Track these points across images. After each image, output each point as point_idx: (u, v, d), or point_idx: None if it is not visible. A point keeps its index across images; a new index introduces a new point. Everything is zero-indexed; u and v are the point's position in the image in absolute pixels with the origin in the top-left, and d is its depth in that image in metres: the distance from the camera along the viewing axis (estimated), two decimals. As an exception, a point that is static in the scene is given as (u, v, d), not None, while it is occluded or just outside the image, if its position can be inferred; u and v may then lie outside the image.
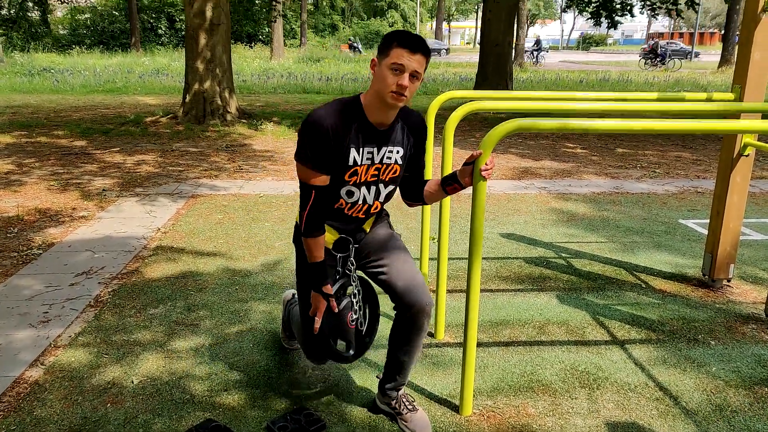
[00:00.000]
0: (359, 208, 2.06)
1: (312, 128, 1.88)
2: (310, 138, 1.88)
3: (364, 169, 1.99)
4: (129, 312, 3.01)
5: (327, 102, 1.95)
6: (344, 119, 1.91)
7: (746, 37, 3.12)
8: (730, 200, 3.31)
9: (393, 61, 1.83)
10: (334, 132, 1.88)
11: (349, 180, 1.98)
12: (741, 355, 2.68)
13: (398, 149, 2.02)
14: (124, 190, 5.37)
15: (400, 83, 1.83)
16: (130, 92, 14.11)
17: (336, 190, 2.00)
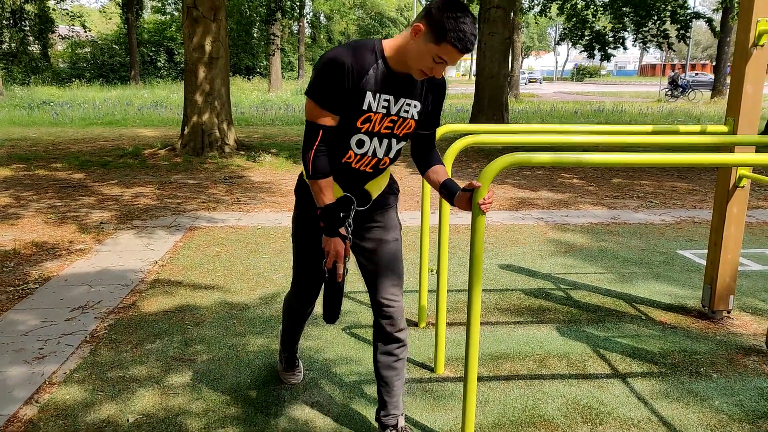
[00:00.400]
0: (368, 161, 1.97)
1: (329, 64, 1.80)
2: (326, 73, 1.80)
3: (378, 117, 1.89)
4: (125, 347, 2.97)
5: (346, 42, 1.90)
6: (365, 59, 1.82)
7: (738, 71, 3.18)
8: (727, 231, 3.33)
9: (440, 54, 1.76)
10: (350, 70, 1.80)
11: (361, 127, 1.89)
12: (743, 388, 2.65)
13: (416, 103, 1.94)
14: (121, 223, 5.37)
15: (434, 68, 1.79)
16: (128, 125, 14.23)
17: (346, 139, 1.91)
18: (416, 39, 1.77)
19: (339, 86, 1.81)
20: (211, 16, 8.82)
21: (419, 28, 1.76)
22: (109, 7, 32.44)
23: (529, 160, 2.05)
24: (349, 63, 1.80)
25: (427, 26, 1.75)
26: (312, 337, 3.13)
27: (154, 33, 33.04)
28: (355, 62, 1.81)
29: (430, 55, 1.76)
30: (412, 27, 1.78)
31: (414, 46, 1.78)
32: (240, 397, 2.53)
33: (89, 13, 34.79)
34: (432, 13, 1.74)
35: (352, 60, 1.80)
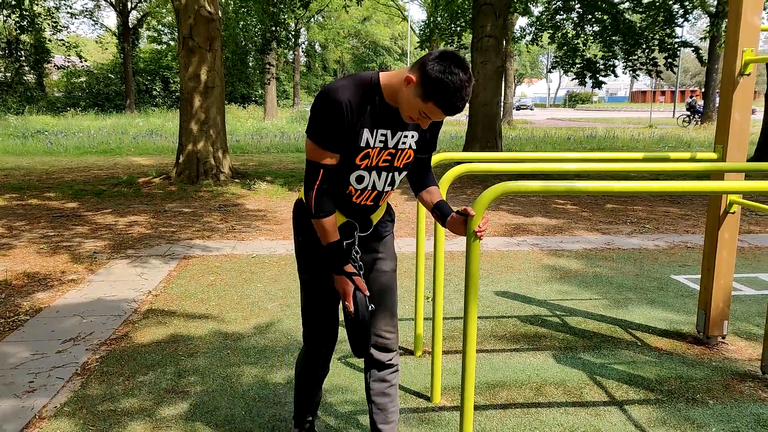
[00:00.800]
0: (368, 195, 1.96)
1: (327, 102, 1.77)
2: (324, 113, 1.77)
3: (376, 152, 1.88)
4: (117, 380, 2.93)
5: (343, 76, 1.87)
6: (361, 96, 1.80)
7: (726, 99, 3.24)
8: (719, 257, 3.35)
9: (425, 112, 1.76)
10: (349, 108, 1.77)
11: (360, 164, 1.87)
12: (740, 414, 2.64)
13: (414, 133, 1.93)
14: (115, 253, 5.35)
15: (419, 120, 1.80)
16: (123, 153, 14.27)
17: (345, 175, 1.89)
18: (408, 88, 1.76)
19: (337, 124, 1.79)
20: (206, 46, 8.94)
21: (410, 79, 1.74)
22: (105, 37, 32.86)
23: (521, 189, 2.07)
24: (348, 101, 1.77)
25: (419, 80, 1.73)
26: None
27: (150, 62, 33.39)
28: (354, 100, 1.78)
29: (417, 109, 1.76)
30: (405, 76, 1.76)
31: (405, 94, 1.77)
32: (234, 430, 2.50)
33: (85, 43, 35.18)
34: (425, 68, 1.71)
35: (351, 97, 1.78)
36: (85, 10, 31.66)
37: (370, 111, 1.82)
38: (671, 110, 38.26)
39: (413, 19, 43.40)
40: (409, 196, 8.47)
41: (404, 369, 3.09)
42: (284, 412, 2.64)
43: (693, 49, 15.30)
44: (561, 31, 15.37)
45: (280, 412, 2.64)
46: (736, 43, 3.15)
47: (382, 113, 1.84)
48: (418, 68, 1.74)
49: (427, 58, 1.74)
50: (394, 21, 47.21)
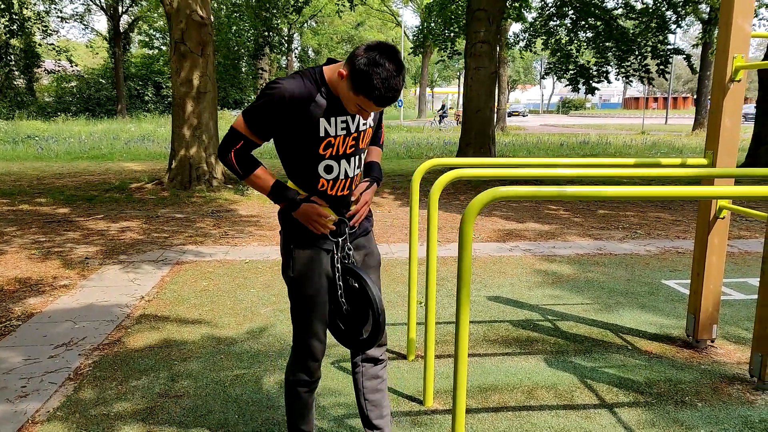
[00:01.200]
0: (343, 184, 1.97)
1: (270, 94, 1.82)
2: (265, 102, 1.83)
3: (340, 140, 1.90)
4: (110, 384, 2.93)
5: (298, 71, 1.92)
6: (308, 89, 1.84)
7: (716, 105, 3.29)
8: (709, 262, 3.39)
9: (359, 104, 1.79)
10: (294, 102, 1.82)
11: (324, 153, 1.90)
12: (728, 416, 2.67)
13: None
14: (107, 258, 5.33)
15: (363, 115, 1.85)
16: (115, 159, 14.23)
17: (313, 167, 1.91)
18: (342, 82, 1.80)
19: (274, 115, 1.83)
20: (198, 51, 8.95)
21: (342, 74, 1.78)
22: (96, 41, 32.78)
23: (512, 194, 2.09)
24: (291, 95, 1.81)
25: (348, 74, 1.76)
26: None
27: (142, 67, 33.35)
28: (298, 94, 1.82)
29: (354, 102, 1.79)
30: (338, 71, 1.80)
31: (341, 88, 1.81)
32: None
33: (76, 48, 35.11)
34: (354, 61, 1.74)
35: (294, 92, 1.81)
36: (76, 14, 31.55)
37: (320, 102, 1.85)
38: (664, 117, 38.59)
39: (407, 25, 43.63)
40: (403, 202, 8.50)
41: (397, 373, 3.10)
42: (277, 415, 2.65)
43: (684, 56, 15.45)
44: (554, 37, 15.50)
45: (273, 416, 2.65)
46: (727, 50, 3.19)
47: (334, 102, 1.87)
48: (347, 62, 1.78)
49: (356, 50, 1.77)
50: (388, 27, 47.40)
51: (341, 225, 2.01)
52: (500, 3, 11.38)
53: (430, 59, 39.21)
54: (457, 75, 57.60)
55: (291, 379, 2.10)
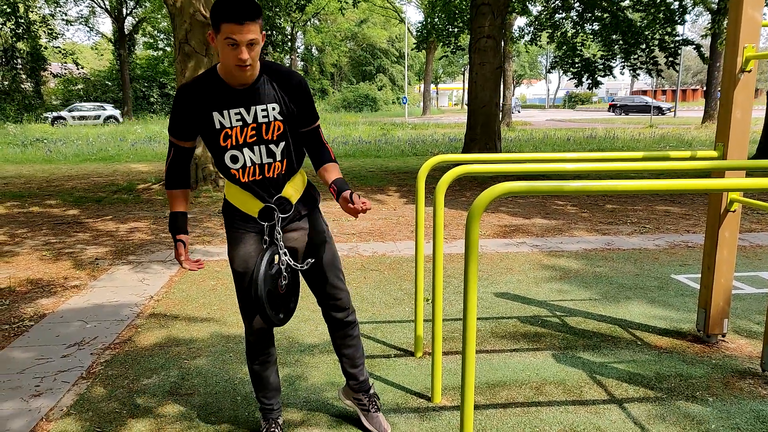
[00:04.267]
0: (253, 171, 2.11)
1: (175, 97, 2.06)
2: (174, 106, 2.05)
3: (237, 131, 2.04)
4: (121, 383, 2.95)
5: None
6: (202, 87, 2.01)
7: (726, 97, 3.26)
8: (720, 255, 3.37)
9: (226, 36, 1.87)
10: (190, 99, 2.01)
11: (225, 144, 2.06)
12: (739, 411, 2.66)
13: (273, 105, 2.06)
14: (116, 259, 5.37)
15: (240, 57, 1.89)
16: (122, 160, 14.30)
17: (220, 159, 2.09)
18: (215, 44, 1.94)
19: (181, 114, 2.04)
20: (203, 51, 8.97)
21: (210, 34, 1.95)
22: (101, 44, 32.94)
23: (519, 190, 2.09)
24: (187, 93, 2.02)
25: (211, 25, 1.93)
26: (307, 364, 3.12)
27: (147, 68, 33.49)
28: (194, 91, 2.02)
29: (225, 45, 1.89)
30: (209, 40, 1.97)
31: (219, 51, 1.94)
32: (237, 431, 2.52)
33: (81, 50, 35.29)
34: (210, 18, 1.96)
35: (190, 90, 2.02)
36: (81, 17, 31.72)
37: (213, 97, 2.02)
38: (673, 109, 38.30)
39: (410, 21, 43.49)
40: (409, 200, 8.49)
41: (405, 370, 3.11)
42: (287, 413, 2.66)
43: (694, 46, 15.27)
44: (560, 30, 15.40)
45: (282, 413, 2.66)
46: (737, 40, 3.16)
47: (227, 95, 2.02)
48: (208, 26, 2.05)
49: None
50: (391, 23, 47.33)
51: (269, 211, 2.17)
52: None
53: (434, 55, 39.11)
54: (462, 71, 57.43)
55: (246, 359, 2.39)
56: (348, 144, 17.14)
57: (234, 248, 2.21)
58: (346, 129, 23.92)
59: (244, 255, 2.19)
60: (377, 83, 48.79)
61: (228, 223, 2.22)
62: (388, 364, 3.18)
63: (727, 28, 3.25)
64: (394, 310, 3.99)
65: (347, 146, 16.57)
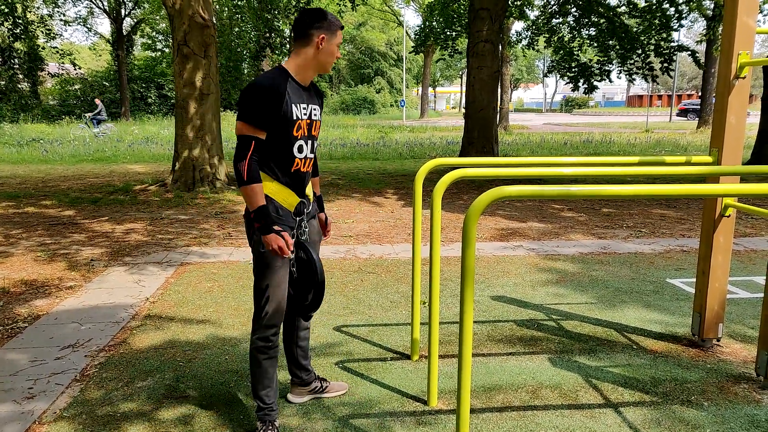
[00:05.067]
0: (307, 162, 2.40)
1: (254, 90, 2.21)
2: (253, 98, 2.20)
3: (305, 123, 2.33)
4: (116, 385, 2.94)
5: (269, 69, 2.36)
6: (281, 81, 2.26)
7: (721, 103, 3.27)
8: (714, 260, 3.38)
9: (340, 41, 2.35)
10: (273, 90, 2.21)
11: (297, 134, 2.31)
12: (734, 416, 2.66)
13: (316, 107, 2.43)
14: (112, 260, 5.35)
15: (338, 54, 2.39)
16: (119, 161, 14.27)
17: (289, 149, 2.30)
18: (324, 46, 2.30)
19: (264, 106, 2.21)
20: (201, 53, 8.97)
21: (323, 38, 2.29)
22: (99, 44, 32.83)
23: (515, 193, 2.09)
24: (270, 85, 2.22)
25: (324, 32, 2.30)
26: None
27: (145, 69, 33.41)
28: (276, 83, 2.24)
29: (336, 47, 2.34)
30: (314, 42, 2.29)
31: (324, 51, 2.30)
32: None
33: (79, 51, 35.20)
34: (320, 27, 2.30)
35: (272, 83, 2.23)
36: (79, 17, 31.64)
37: (289, 90, 2.27)
38: (668, 114, 38.43)
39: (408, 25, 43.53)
40: (406, 203, 8.50)
41: (401, 373, 3.10)
42: (282, 416, 2.66)
43: (690, 53, 15.37)
44: (557, 35, 15.45)
45: (278, 417, 2.65)
46: (732, 46, 3.18)
47: (297, 91, 2.31)
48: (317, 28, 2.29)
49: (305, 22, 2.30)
50: (390, 26, 47.42)
51: (301, 206, 2.41)
52: (502, 1, 11.36)
53: (432, 58, 39.17)
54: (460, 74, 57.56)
55: (252, 347, 2.43)
56: (346, 146, 17.15)
57: None
58: (345, 131, 23.93)
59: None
60: (375, 86, 48.84)
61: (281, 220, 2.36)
62: (384, 367, 3.18)
63: (722, 35, 3.27)
64: (391, 313, 3.98)
65: (345, 149, 16.58)
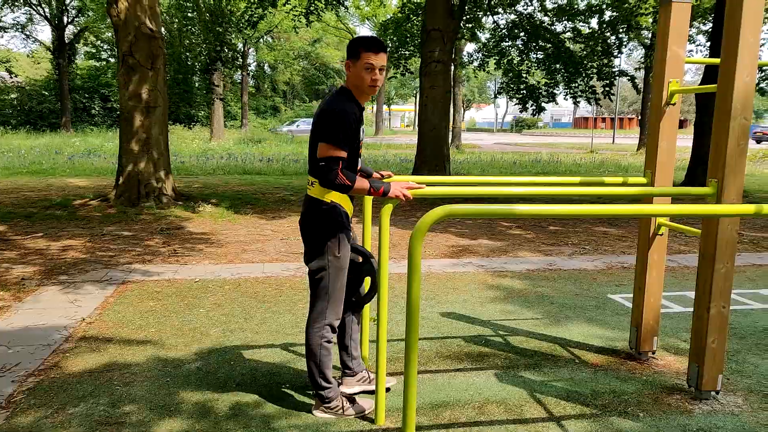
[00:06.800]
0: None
1: (344, 116, 2.50)
2: (342, 124, 2.49)
3: (362, 143, 2.70)
4: (45, 412, 2.78)
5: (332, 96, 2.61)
6: (354, 108, 2.57)
7: (654, 127, 3.44)
8: (649, 276, 3.52)
9: (365, 62, 2.52)
10: (356, 117, 2.55)
11: (360, 152, 2.68)
12: (667, 425, 2.76)
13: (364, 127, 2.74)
14: (46, 279, 5.10)
15: (374, 78, 2.54)
16: (57, 174, 13.67)
17: (354, 165, 2.65)
18: (353, 71, 2.57)
19: (350, 130, 2.53)
20: (148, 65, 8.75)
21: (348, 63, 2.58)
22: (39, 52, 31.58)
23: (462, 212, 2.13)
24: (353, 112, 2.55)
25: (349, 57, 2.58)
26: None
27: (88, 79, 32.30)
28: (354, 110, 2.56)
29: (363, 70, 2.53)
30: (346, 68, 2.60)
31: (353, 75, 2.57)
32: (170, 461, 2.41)
33: (17, 58, 33.73)
34: (347, 51, 2.60)
35: (353, 109, 2.56)
36: (17, 23, 30.32)
37: (358, 113, 2.60)
38: (611, 136, 40.06)
39: (362, 44, 43.93)
40: (359, 219, 8.50)
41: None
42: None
43: (629, 78, 16.13)
44: (506, 57, 15.92)
45: (220, 440, 2.57)
46: (663, 75, 3.36)
47: (361, 113, 2.64)
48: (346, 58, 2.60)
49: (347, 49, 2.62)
50: (345, 44, 47.70)
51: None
52: (454, 23, 11.64)
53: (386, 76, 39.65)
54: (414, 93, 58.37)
55: (323, 342, 2.73)
56: (299, 162, 17.04)
57: (347, 243, 2.70)
58: (298, 147, 23.79)
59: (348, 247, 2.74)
60: (329, 103, 48.77)
61: (340, 223, 2.67)
62: (330, 386, 3.13)
63: (654, 64, 3.45)
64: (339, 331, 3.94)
65: (298, 164, 16.47)
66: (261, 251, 6.31)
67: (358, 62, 2.52)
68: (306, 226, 2.72)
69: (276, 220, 8.28)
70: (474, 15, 16.15)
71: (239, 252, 6.25)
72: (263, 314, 4.27)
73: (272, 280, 5.17)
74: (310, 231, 2.69)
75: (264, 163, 16.60)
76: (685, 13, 3.30)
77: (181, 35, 20.10)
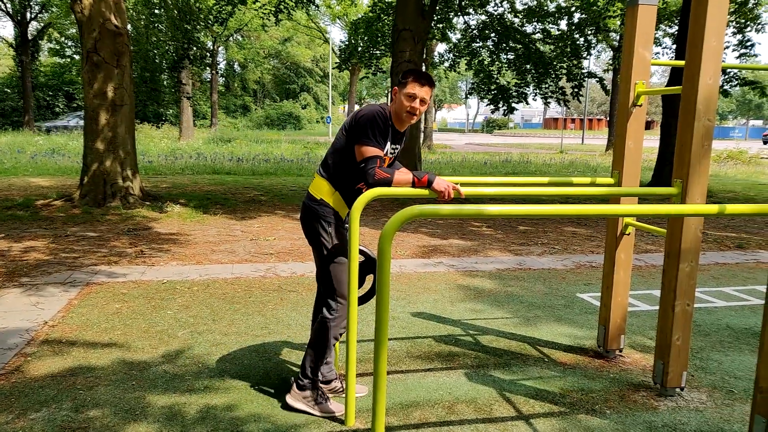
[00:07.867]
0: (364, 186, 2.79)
1: (382, 119, 2.65)
2: (374, 124, 2.63)
3: (388, 160, 2.75)
4: (5, 418, 2.69)
5: (373, 103, 2.71)
6: (387, 120, 2.70)
7: (621, 128, 3.50)
8: (617, 276, 3.58)
9: (407, 91, 2.68)
10: (388, 125, 2.69)
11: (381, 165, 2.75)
12: (634, 422, 2.82)
13: (398, 147, 2.84)
14: (6, 281, 4.94)
15: (412, 106, 2.68)
16: (19, 173, 13.26)
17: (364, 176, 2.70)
18: (396, 97, 2.74)
19: (385, 132, 2.67)
20: (113, 62, 8.56)
21: (395, 89, 2.76)
22: (0, 48, 30.58)
23: (431, 213, 2.13)
24: (386, 119, 2.68)
25: (397, 85, 2.76)
26: (217, 389, 2.99)
27: (52, 76, 31.42)
28: (386, 118, 2.68)
29: (404, 96, 2.68)
30: (393, 94, 2.78)
31: (397, 101, 2.72)
32: (135, 467, 2.35)
33: (-24, 55, 32.61)
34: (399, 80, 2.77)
35: (387, 118, 2.69)
36: (-23, 19, 29.28)
37: (390, 130, 2.73)
38: (581, 137, 40.77)
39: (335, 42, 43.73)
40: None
41: (319, 394, 3.05)
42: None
43: (597, 79, 16.42)
44: (477, 58, 16.05)
45: (187, 445, 2.52)
46: (630, 77, 3.42)
47: (394, 132, 2.76)
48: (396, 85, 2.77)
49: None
50: (316, 43, 47.42)
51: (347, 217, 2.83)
52: (425, 23, 11.68)
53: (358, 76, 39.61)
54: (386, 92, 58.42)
55: (340, 331, 2.87)
56: (269, 162, 16.87)
57: (345, 241, 2.80)
58: (268, 146, 23.54)
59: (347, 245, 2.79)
60: (301, 102, 48.56)
61: (336, 223, 2.81)
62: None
63: (621, 66, 3.51)
64: (307, 333, 3.91)
65: (268, 164, 16.30)
66: (230, 252, 6.23)
67: (403, 89, 2.68)
68: (301, 221, 2.90)
69: (246, 220, 8.18)
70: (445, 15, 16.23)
71: (208, 253, 6.16)
72: (232, 316, 4.21)
73: (241, 281, 5.11)
74: (304, 226, 2.85)
75: (234, 162, 16.38)
76: (651, 15, 3.36)
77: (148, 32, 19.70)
